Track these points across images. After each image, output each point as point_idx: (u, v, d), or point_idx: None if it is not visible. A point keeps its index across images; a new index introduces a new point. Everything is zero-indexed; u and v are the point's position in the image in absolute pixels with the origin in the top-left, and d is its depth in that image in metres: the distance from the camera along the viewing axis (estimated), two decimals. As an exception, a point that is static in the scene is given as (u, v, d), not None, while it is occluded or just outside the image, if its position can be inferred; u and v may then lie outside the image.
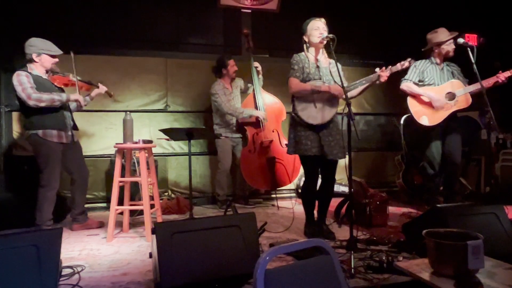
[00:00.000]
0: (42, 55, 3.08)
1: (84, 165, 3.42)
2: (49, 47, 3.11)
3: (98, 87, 3.41)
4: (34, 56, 3.07)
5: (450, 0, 5.18)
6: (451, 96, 3.50)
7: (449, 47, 3.56)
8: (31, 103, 2.94)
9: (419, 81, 3.61)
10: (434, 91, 3.55)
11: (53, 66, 3.17)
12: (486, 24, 5.16)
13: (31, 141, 3.10)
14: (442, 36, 3.55)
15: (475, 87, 3.38)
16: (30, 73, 3.04)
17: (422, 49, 3.70)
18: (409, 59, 2.74)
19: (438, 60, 3.62)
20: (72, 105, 3.38)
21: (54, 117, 3.10)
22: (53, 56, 3.13)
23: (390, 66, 2.70)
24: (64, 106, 3.21)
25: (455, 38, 3.49)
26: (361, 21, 5.19)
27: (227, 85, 4.25)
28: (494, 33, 5.17)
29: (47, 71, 3.17)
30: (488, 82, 3.39)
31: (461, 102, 3.50)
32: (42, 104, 2.97)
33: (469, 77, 3.52)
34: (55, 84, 3.21)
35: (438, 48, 3.59)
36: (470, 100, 3.49)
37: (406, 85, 3.62)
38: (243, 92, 4.40)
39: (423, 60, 3.66)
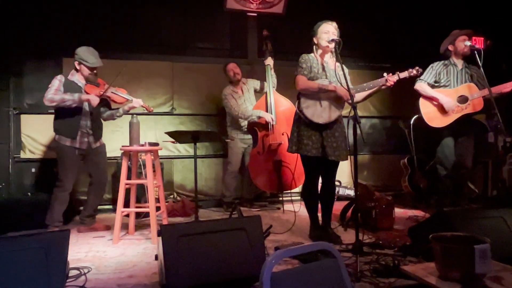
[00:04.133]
0: (81, 64, 3.26)
1: (103, 171, 3.49)
2: (88, 58, 3.25)
3: (131, 101, 3.41)
4: (76, 64, 3.28)
5: (457, 4, 5.17)
6: (464, 99, 3.46)
7: (463, 43, 3.52)
8: (45, 103, 3.12)
9: (435, 82, 3.58)
10: (446, 94, 3.52)
11: (90, 76, 3.29)
12: (492, 27, 5.13)
13: (54, 146, 3.36)
14: (456, 33, 3.57)
15: (486, 92, 3.32)
16: (67, 78, 3.25)
17: (441, 52, 3.67)
18: (417, 68, 2.74)
19: (456, 60, 3.58)
20: (106, 114, 3.48)
21: (68, 125, 3.25)
22: (89, 68, 3.26)
23: (398, 72, 2.70)
24: (83, 114, 3.28)
25: (468, 35, 3.51)
26: (367, 24, 5.18)
27: (236, 88, 4.28)
28: (501, 36, 5.14)
29: (85, 79, 3.31)
30: (505, 87, 3.35)
31: (472, 106, 3.46)
32: (54, 104, 3.11)
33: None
34: (87, 92, 3.29)
35: (453, 47, 3.57)
36: (481, 104, 3.45)
37: (420, 85, 3.59)
38: (259, 92, 4.41)
39: (441, 62, 3.63)
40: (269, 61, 4.24)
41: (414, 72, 2.73)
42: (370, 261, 2.33)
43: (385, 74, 2.70)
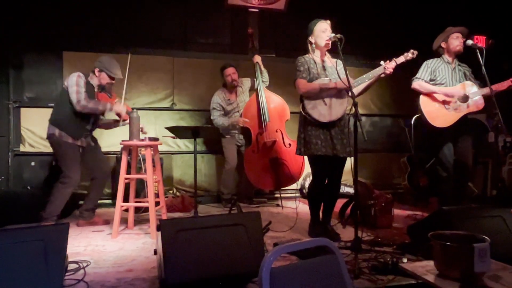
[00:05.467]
0: (103, 72, 3.26)
1: (105, 163, 3.50)
2: (112, 68, 3.27)
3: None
4: (96, 71, 3.28)
5: (459, 2, 5.15)
6: (465, 98, 3.42)
7: (456, 40, 3.45)
8: (78, 107, 3.10)
9: (430, 80, 3.51)
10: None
11: (107, 85, 3.33)
12: (494, 26, 5.12)
13: (50, 141, 3.25)
14: (449, 30, 3.51)
15: (487, 90, 3.29)
16: (88, 80, 3.23)
17: (433, 49, 3.63)
18: (411, 50, 2.72)
19: (449, 58, 3.52)
20: (104, 121, 3.50)
21: (74, 126, 3.21)
22: (110, 77, 3.29)
23: (395, 58, 2.70)
24: (91, 119, 3.31)
25: (462, 33, 3.45)
26: (368, 22, 5.17)
27: (228, 95, 4.26)
28: (503, 35, 5.12)
29: (100, 87, 3.32)
30: (502, 85, 3.32)
31: (473, 105, 3.42)
32: (86, 111, 3.14)
33: (478, 80, 3.48)
34: (99, 99, 3.31)
35: (446, 44, 3.52)
36: (483, 103, 3.42)
37: (418, 83, 3.51)
38: (251, 90, 4.39)
39: (435, 59, 3.57)
40: (257, 59, 4.21)
41: (410, 55, 2.71)
42: (369, 259, 2.33)
43: (382, 62, 2.69)
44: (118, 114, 3.26)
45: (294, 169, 4.07)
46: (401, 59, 2.71)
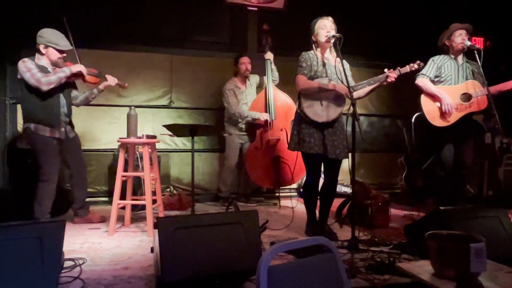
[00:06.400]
0: (49, 48, 3.05)
1: (82, 160, 3.39)
2: (58, 40, 3.06)
3: (106, 79, 3.32)
4: (41, 48, 3.05)
5: (458, 3, 5.16)
6: (467, 97, 3.39)
7: (459, 38, 3.39)
8: (43, 88, 2.92)
9: (435, 76, 3.47)
10: (449, 91, 3.40)
11: (59, 60, 3.11)
12: (492, 28, 5.14)
13: (26, 134, 3.11)
14: (453, 27, 3.46)
15: (487, 91, 3.25)
16: (36, 63, 3.03)
17: (438, 46, 3.60)
18: (418, 62, 2.72)
19: (454, 55, 3.47)
20: (79, 99, 3.34)
21: (48, 112, 3.04)
22: (60, 51, 3.08)
23: (399, 67, 2.69)
24: (61, 101, 3.15)
25: (467, 29, 3.40)
26: (368, 22, 5.17)
27: (240, 83, 4.26)
28: (500, 36, 5.14)
29: (52, 64, 3.12)
30: (507, 85, 3.27)
31: (476, 104, 3.38)
32: (52, 86, 2.95)
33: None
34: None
35: (450, 41, 3.46)
36: (485, 103, 3.38)
37: (422, 81, 3.46)
38: (259, 87, 4.38)
39: (442, 55, 3.52)
40: (269, 56, 4.23)
41: (415, 66, 2.72)
42: (366, 258, 2.33)
43: (386, 70, 2.69)
44: (82, 76, 3.09)
45: (295, 169, 4.06)
46: (405, 69, 2.71)
